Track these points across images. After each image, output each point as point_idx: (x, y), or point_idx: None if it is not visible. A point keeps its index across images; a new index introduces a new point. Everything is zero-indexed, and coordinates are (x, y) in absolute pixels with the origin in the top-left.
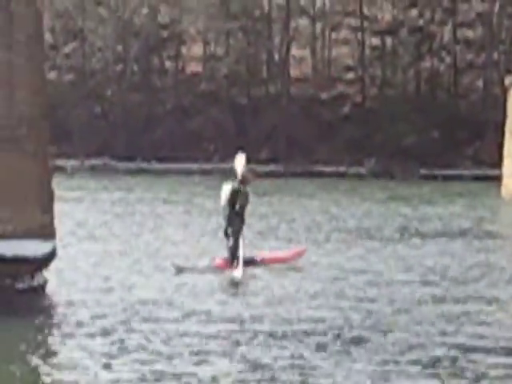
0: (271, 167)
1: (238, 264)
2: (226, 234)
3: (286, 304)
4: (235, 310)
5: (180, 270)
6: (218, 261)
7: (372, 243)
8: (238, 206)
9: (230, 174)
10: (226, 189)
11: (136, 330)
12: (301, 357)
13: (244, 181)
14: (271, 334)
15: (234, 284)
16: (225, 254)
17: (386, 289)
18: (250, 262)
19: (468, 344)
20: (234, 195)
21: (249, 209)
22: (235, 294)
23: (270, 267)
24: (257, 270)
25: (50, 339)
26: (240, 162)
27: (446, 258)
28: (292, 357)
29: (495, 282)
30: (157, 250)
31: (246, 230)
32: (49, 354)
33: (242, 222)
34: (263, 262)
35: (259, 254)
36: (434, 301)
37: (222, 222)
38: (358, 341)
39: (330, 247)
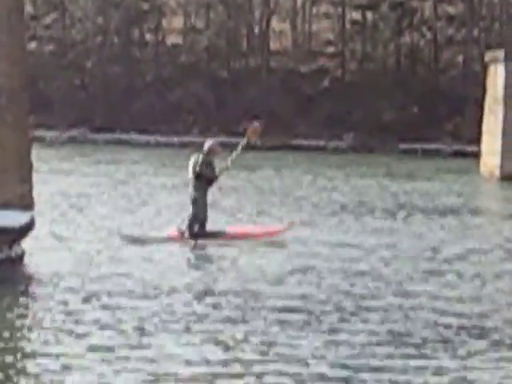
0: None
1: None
2: (194, 202)
3: (259, 280)
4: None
5: (131, 241)
6: (172, 232)
7: (361, 218)
8: (203, 177)
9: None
10: (193, 160)
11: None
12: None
13: (210, 152)
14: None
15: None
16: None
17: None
18: (217, 235)
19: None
20: (200, 166)
21: (226, 182)
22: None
23: (250, 242)
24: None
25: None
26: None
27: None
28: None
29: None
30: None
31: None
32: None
33: (205, 194)
34: (234, 237)
35: (231, 229)
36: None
37: (191, 193)
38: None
39: (319, 222)
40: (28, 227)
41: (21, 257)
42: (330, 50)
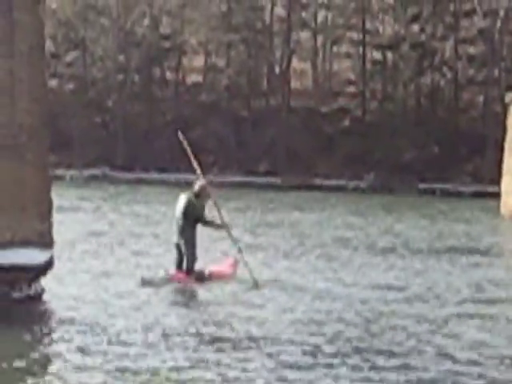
0: (270, 179)
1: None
2: (178, 247)
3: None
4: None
5: (146, 283)
6: (174, 273)
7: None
8: (192, 219)
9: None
10: (182, 200)
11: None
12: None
13: (200, 193)
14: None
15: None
16: (172, 266)
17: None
18: (200, 277)
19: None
20: (189, 207)
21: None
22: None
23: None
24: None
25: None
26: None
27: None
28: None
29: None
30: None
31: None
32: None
33: (194, 234)
34: (211, 277)
35: (207, 268)
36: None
37: (174, 234)
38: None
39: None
40: (47, 265)
41: (40, 295)
42: (351, 89)
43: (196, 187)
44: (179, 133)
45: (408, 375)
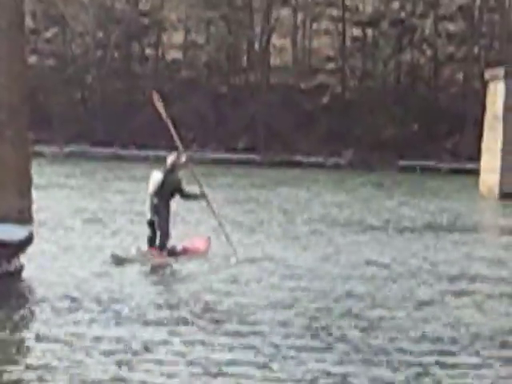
0: (249, 156)
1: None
2: (151, 224)
3: None
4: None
5: (119, 261)
6: (146, 250)
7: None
8: (168, 195)
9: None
10: (156, 177)
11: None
12: None
13: (173, 168)
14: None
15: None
16: (144, 244)
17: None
18: (172, 252)
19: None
20: (164, 183)
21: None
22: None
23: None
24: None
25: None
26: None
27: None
28: None
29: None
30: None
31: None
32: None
33: (168, 211)
34: (183, 253)
35: (180, 244)
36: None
37: (147, 211)
38: None
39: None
40: (27, 242)
41: (19, 271)
42: (331, 66)
43: (168, 161)
44: (154, 93)
45: (392, 355)
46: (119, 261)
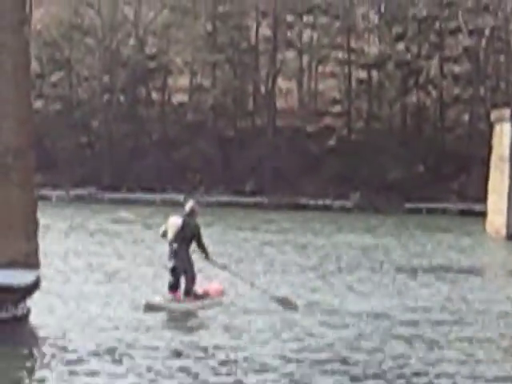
0: (256, 199)
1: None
2: (173, 270)
3: None
4: None
5: (149, 308)
6: (172, 296)
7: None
8: (188, 239)
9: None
10: (174, 222)
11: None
12: None
13: (192, 213)
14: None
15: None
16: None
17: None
18: (197, 296)
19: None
20: (185, 227)
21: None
22: None
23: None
24: None
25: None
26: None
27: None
28: None
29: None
30: (134, 287)
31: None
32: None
33: (189, 254)
34: (206, 296)
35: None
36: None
37: (168, 258)
38: None
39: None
40: (33, 286)
41: (26, 316)
42: (337, 109)
43: (187, 207)
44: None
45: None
46: (151, 308)
